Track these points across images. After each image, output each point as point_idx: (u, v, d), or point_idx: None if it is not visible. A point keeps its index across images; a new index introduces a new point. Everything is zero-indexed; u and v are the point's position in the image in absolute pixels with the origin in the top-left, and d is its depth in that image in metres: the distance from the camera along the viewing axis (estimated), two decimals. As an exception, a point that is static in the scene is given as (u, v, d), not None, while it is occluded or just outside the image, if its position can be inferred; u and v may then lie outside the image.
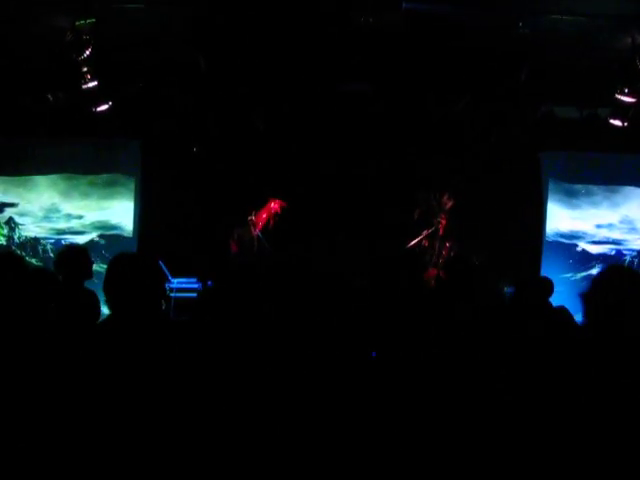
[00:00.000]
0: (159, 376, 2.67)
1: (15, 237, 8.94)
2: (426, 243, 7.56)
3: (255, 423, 2.82)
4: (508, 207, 8.61)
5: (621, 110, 7.59)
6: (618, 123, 7.73)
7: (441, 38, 6.75)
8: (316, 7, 6.23)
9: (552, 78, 7.46)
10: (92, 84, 7.09)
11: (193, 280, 7.77)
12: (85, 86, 7.08)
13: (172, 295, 7.46)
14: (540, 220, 9.08)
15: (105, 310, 4.88)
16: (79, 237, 8.87)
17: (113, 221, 9.02)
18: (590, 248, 9.15)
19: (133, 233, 8.98)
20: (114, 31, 6.76)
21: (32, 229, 8.98)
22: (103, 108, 7.63)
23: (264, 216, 7.54)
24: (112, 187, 9.03)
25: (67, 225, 8.97)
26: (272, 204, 7.57)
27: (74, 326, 3.79)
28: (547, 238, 9.10)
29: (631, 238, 9.16)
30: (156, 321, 3.03)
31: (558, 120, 8.26)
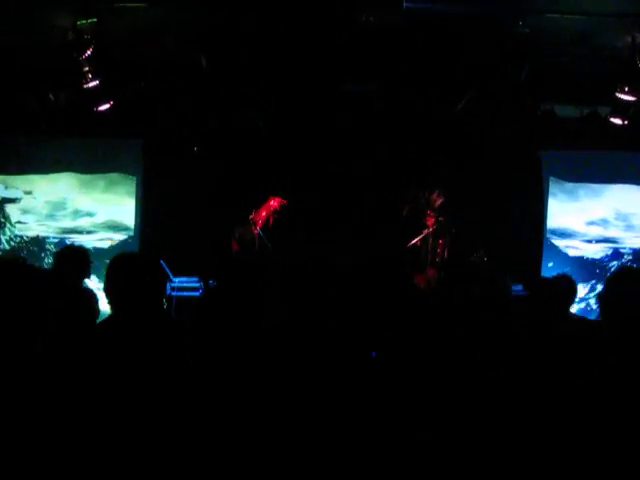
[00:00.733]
0: (161, 375, 2.68)
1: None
2: (419, 243, 7.50)
3: (256, 422, 2.84)
4: (509, 205, 8.63)
5: (621, 109, 7.59)
6: (618, 122, 7.73)
7: (441, 37, 6.76)
8: (317, 6, 6.24)
9: (552, 77, 7.46)
10: (93, 83, 7.09)
11: (195, 279, 7.77)
12: (86, 85, 7.09)
13: (173, 294, 7.47)
14: (541, 218, 9.10)
15: (101, 308, 4.94)
16: (80, 236, 8.89)
17: (114, 220, 9.04)
18: (588, 246, 9.16)
19: (134, 232, 9.01)
20: (115, 30, 6.79)
21: (34, 227, 9.02)
22: (104, 107, 7.64)
23: (263, 214, 7.53)
24: (113, 186, 9.06)
25: (68, 224, 8.99)
26: (272, 202, 7.56)
27: (73, 326, 3.81)
28: (547, 235, 9.12)
29: (628, 236, 9.17)
30: (157, 320, 3.04)
31: (558, 119, 8.26)
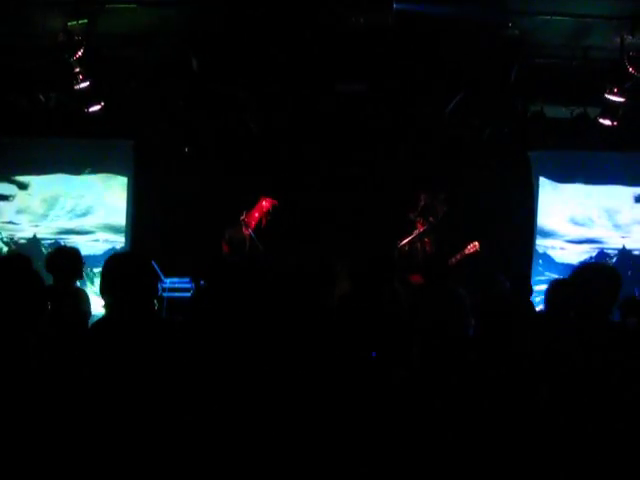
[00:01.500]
0: (155, 375, 2.69)
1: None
2: (407, 246, 7.42)
3: (250, 422, 2.85)
4: (498, 205, 8.66)
5: (610, 109, 7.64)
6: (608, 122, 7.78)
7: (431, 38, 6.79)
8: (308, 7, 6.26)
9: (542, 78, 7.50)
10: (84, 84, 7.10)
11: (186, 280, 7.77)
12: (77, 86, 7.09)
13: (165, 295, 7.47)
14: (530, 218, 9.14)
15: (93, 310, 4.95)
16: (71, 237, 8.87)
17: (105, 221, 9.03)
18: (576, 247, 9.21)
19: (126, 233, 9.00)
20: (106, 31, 6.79)
21: (26, 228, 8.99)
22: (96, 108, 7.64)
23: (256, 215, 7.51)
24: (104, 187, 9.05)
25: (59, 225, 8.98)
26: (263, 202, 7.55)
27: (64, 326, 3.82)
28: (537, 235, 9.17)
29: (615, 235, 9.22)
30: (152, 319, 3.06)
31: (548, 119, 8.30)
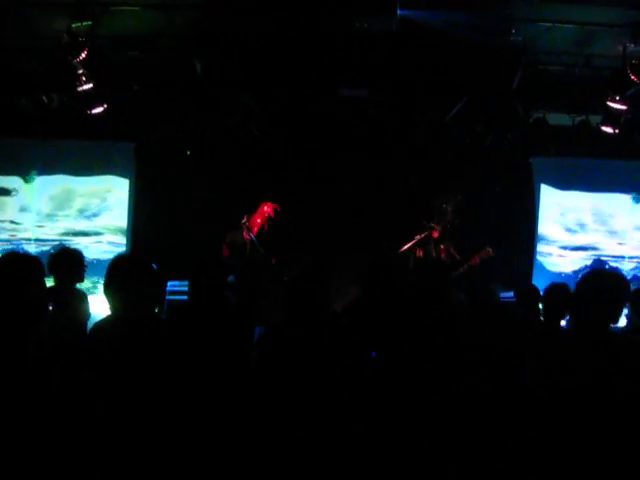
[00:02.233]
0: (157, 376, 2.70)
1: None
2: (420, 253, 7.42)
3: (249, 421, 2.86)
4: (500, 211, 8.67)
5: (612, 117, 7.65)
6: (609, 130, 7.79)
7: (434, 45, 6.80)
8: (312, 12, 6.27)
9: (544, 85, 7.52)
10: (87, 86, 7.11)
11: (186, 283, 7.74)
12: (80, 88, 7.10)
13: (165, 298, 7.44)
14: (531, 224, 9.14)
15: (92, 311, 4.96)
16: (73, 238, 8.86)
17: (107, 223, 9.02)
18: (575, 253, 9.21)
19: (127, 235, 8.99)
20: (110, 34, 6.80)
21: (28, 229, 8.97)
22: (98, 110, 7.66)
23: (258, 220, 7.51)
24: (106, 190, 9.05)
25: (61, 227, 8.96)
26: (265, 208, 7.55)
27: (65, 327, 3.81)
28: (538, 242, 9.17)
29: (613, 242, 9.23)
30: (156, 321, 3.07)
31: (550, 126, 8.30)
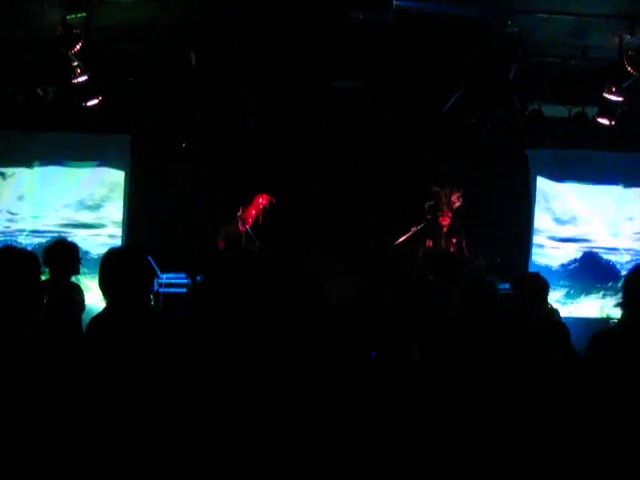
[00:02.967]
0: (154, 370, 2.70)
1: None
2: (430, 243, 7.40)
3: (247, 418, 2.85)
4: (496, 204, 8.67)
5: (609, 109, 7.64)
6: (605, 122, 7.78)
7: (431, 36, 6.79)
8: (307, 3, 6.25)
9: (540, 76, 7.50)
10: (82, 78, 7.08)
11: (182, 275, 7.77)
12: (75, 80, 7.08)
13: (161, 290, 7.46)
14: (528, 216, 9.15)
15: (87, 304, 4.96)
16: (68, 230, 8.85)
17: (102, 215, 9.01)
18: (570, 246, 9.21)
19: (122, 228, 8.98)
20: (105, 25, 6.76)
21: (22, 221, 8.96)
22: (93, 102, 7.63)
23: (253, 212, 7.52)
24: (101, 182, 9.04)
25: (56, 219, 8.95)
26: (260, 199, 7.56)
27: (60, 320, 3.80)
28: (535, 234, 9.17)
29: (607, 233, 9.22)
30: (151, 313, 3.06)
31: (546, 118, 8.29)
